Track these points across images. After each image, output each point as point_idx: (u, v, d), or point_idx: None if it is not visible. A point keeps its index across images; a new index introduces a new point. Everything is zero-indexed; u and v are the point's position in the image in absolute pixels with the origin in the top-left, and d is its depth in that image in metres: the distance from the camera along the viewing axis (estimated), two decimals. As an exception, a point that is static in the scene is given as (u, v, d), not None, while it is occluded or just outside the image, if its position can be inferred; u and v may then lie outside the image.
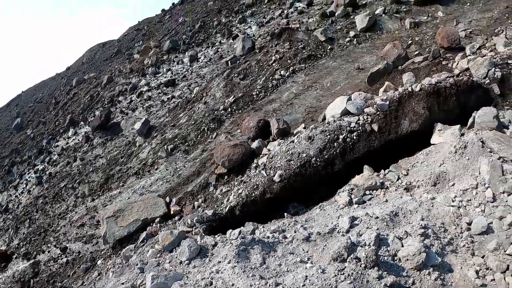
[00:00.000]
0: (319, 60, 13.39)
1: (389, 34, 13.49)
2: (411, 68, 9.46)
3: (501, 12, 12.63)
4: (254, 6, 27.59)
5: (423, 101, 6.92)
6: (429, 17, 13.96)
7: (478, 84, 7.55)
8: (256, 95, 12.76)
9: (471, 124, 6.28)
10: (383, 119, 6.79)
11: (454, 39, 10.20)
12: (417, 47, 11.39)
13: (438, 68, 8.90)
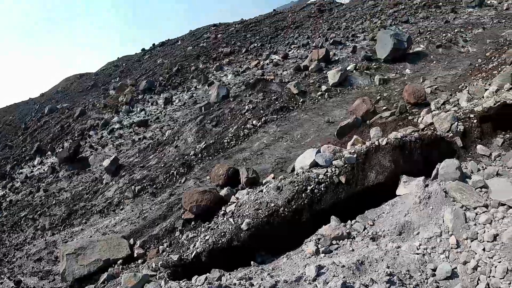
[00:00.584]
0: (291, 112, 14.20)
1: (359, 89, 14.53)
2: (379, 123, 10.17)
3: (465, 69, 13.96)
4: (231, 55, 29.05)
5: (389, 154, 7.44)
6: (398, 74, 15.21)
7: (442, 138, 8.19)
8: (227, 143, 13.29)
9: (435, 176, 6.79)
10: (351, 171, 7.24)
11: (420, 95, 11.12)
12: (385, 102, 12.28)
13: (405, 123, 9.64)
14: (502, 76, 10.52)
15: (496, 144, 8.15)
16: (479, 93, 10.41)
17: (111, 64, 45.92)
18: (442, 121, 8.54)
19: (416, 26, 25.13)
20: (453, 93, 11.41)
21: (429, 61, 16.40)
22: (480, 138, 8.28)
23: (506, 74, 10.50)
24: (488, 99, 9.47)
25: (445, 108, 9.96)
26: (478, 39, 19.27)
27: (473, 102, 9.77)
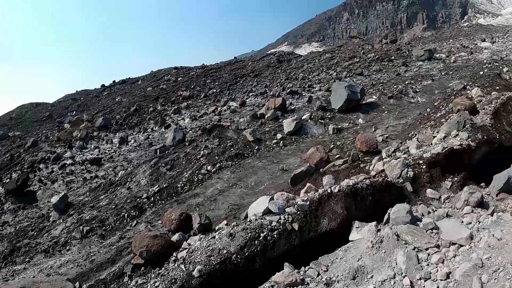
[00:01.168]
0: (246, 159, 14.59)
1: (313, 138, 15.22)
2: (332, 171, 10.66)
3: (415, 119, 15.05)
4: (190, 99, 29.59)
5: (342, 201, 7.81)
6: (351, 123, 16.11)
7: (393, 184, 8.71)
8: (181, 188, 13.37)
9: (387, 220, 7.18)
10: (304, 218, 7.49)
11: (372, 144, 11.85)
12: (339, 151, 12.93)
13: (357, 171, 10.20)
14: (449, 124, 11.53)
15: (445, 187, 8.82)
16: (428, 140, 11.27)
17: (69, 97, 45.59)
18: (392, 168, 9.12)
19: (370, 78, 26.91)
20: (403, 141, 12.25)
21: (381, 111, 17.57)
22: (429, 183, 8.94)
23: (453, 122, 11.50)
24: (437, 146, 10.30)
25: (395, 155, 10.65)
26: (427, 90, 20.95)
27: (422, 149, 10.58)
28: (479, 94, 15.79)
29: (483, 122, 11.81)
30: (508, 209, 7.13)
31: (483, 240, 5.78)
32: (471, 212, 7.22)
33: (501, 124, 12.39)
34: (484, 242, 5.71)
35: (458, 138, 10.53)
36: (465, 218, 6.98)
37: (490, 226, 6.31)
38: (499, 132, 11.69)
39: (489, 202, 7.69)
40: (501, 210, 7.13)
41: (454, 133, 10.96)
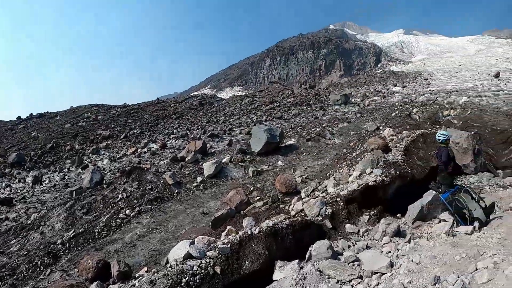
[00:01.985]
0: (165, 203, 14.38)
1: (233, 181, 15.45)
2: (253, 213, 10.90)
3: (332, 159, 15.91)
4: (110, 139, 28.70)
5: (262, 242, 7.98)
6: (270, 166, 16.62)
7: (312, 222, 9.10)
8: (98, 233, 12.79)
9: (309, 257, 7.45)
10: (226, 261, 7.53)
11: (291, 185, 12.32)
12: (259, 193, 13.24)
13: (277, 211, 10.52)
14: (364, 162, 12.43)
15: (363, 221, 9.42)
16: (344, 178, 12.02)
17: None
18: (311, 207, 9.58)
19: (289, 121, 28.18)
20: (321, 180, 12.91)
21: (299, 153, 18.39)
22: (348, 218, 9.49)
23: (367, 160, 12.41)
24: (353, 183, 11.00)
25: (314, 194, 11.20)
26: (344, 131, 22.40)
27: (339, 187, 11.24)
28: (391, 133, 17.20)
29: (396, 158, 12.85)
30: (424, 235, 7.74)
31: (403, 266, 6.18)
32: (389, 242, 7.74)
33: (412, 159, 13.56)
34: (404, 267, 6.11)
35: (373, 175, 11.34)
36: (384, 247, 7.46)
37: (409, 252, 6.77)
38: (410, 166, 12.77)
39: (406, 231, 8.35)
40: (418, 237, 7.72)
41: (369, 171, 11.81)
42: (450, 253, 5.95)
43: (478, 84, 43.73)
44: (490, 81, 45.89)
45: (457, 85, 44.63)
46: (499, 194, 10.46)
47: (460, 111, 26.25)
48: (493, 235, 6.52)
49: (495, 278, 4.63)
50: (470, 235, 6.88)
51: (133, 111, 42.80)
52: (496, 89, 37.60)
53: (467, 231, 7.00)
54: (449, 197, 8.20)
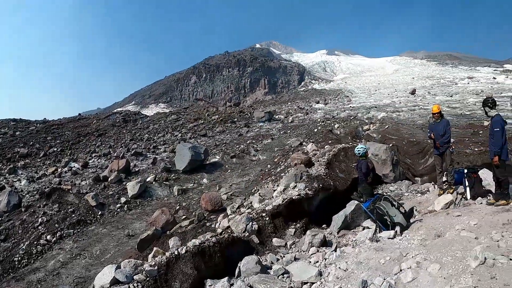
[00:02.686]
0: (89, 226, 13.68)
1: (158, 200, 15.11)
2: (179, 232, 10.71)
3: (256, 175, 16.11)
4: (28, 157, 26.79)
5: (190, 261, 7.86)
6: (195, 184, 16.48)
7: (239, 238, 9.11)
8: (18, 262, 11.90)
9: (238, 274, 7.44)
10: (154, 284, 7.30)
11: (217, 202, 12.31)
12: (185, 211, 13.07)
13: (203, 230, 10.43)
14: (288, 177, 12.71)
15: (290, 234, 9.62)
16: (269, 194, 12.22)
17: None
18: (237, 223, 9.60)
19: (214, 139, 28.18)
20: (246, 197, 13.03)
21: (224, 170, 18.43)
22: (274, 232, 9.64)
23: (290, 175, 12.72)
24: (277, 198, 11.20)
25: (240, 211, 11.27)
26: (268, 148, 22.81)
27: (264, 202, 11.40)
28: (313, 148, 17.81)
29: (318, 172, 13.31)
30: (350, 243, 8.06)
31: (332, 274, 6.34)
32: (316, 252, 7.93)
33: (335, 172, 14.11)
34: (332, 275, 6.27)
35: (297, 189, 11.64)
36: (312, 258, 7.62)
37: (336, 260, 6.97)
38: (333, 179, 13.29)
39: (332, 240, 8.63)
40: (344, 245, 8.02)
41: (293, 185, 12.12)
42: (375, 257, 6.23)
43: (396, 100, 46.66)
44: (406, 97, 49.15)
45: (376, 102, 47.30)
46: (418, 199, 11.20)
47: (379, 125, 27.74)
48: (414, 237, 6.93)
49: (419, 277, 4.94)
50: (392, 239, 7.28)
51: (53, 127, 40.47)
52: (412, 104, 40.34)
53: (389, 236, 7.39)
54: (370, 206, 8.58)
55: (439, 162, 10.51)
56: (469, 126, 23.02)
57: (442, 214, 8.20)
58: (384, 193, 12.75)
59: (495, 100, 8.66)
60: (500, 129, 8.15)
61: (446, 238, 6.19)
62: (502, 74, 76.15)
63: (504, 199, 8.05)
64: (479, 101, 34.95)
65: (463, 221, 7.01)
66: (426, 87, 62.04)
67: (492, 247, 5.25)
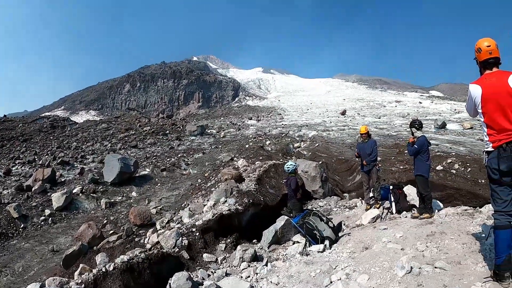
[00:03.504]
0: (10, 240, 12.76)
1: (85, 213, 14.47)
2: (107, 248, 10.37)
3: (187, 189, 16.00)
4: None
5: (119, 279, 7.64)
6: (124, 197, 16.04)
7: (169, 254, 9.01)
8: None
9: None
10: (80, 302, 7.05)
11: (146, 217, 12.08)
12: (112, 226, 12.65)
13: (132, 245, 10.16)
14: (218, 192, 12.81)
15: (220, 249, 9.68)
16: (199, 208, 12.23)
17: None
18: (167, 239, 9.50)
19: (144, 151, 27.58)
20: (176, 211, 12.90)
21: (154, 184, 18.09)
22: (205, 248, 9.67)
23: (220, 190, 12.82)
24: (207, 213, 11.24)
25: (169, 226, 11.15)
26: (199, 162, 22.72)
27: (194, 217, 11.39)
28: (244, 164, 18.03)
29: (249, 188, 13.54)
30: (280, 257, 8.22)
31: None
32: (248, 267, 7.99)
33: (265, 187, 14.40)
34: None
35: (227, 204, 11.76)
36: (244, 273, 7.67)
37: (267, 274, 7.08)
38: (263, 195, 13.55)
39: (263, 255, 8.73)
40: (275, 259, 8.17)
41: (223, 200, 12.23)
42: (306, 270, 6.43)
43: (327, 120, 48.34)
44: (337, 117, 51.09)
45: (308, 121, 48.74)
46: (346, 214, 11.64)
47: (310, 143, 28.64)
48: (343, 250, 7.21)
49: (349, 287, 5.17)
50: (322, 252, 7.56)
51: (-27, 128, 37.70)
52: (342, 124, 41.98)
53: (319, 249, 7.67)
54: (300, 221, 8.85)
55: (366, 179, 11.04)
56: (395, 145, 24.30)
57: (370, 228, 8.63)
58: (313, 208, 13.16)
59: (422, 122, 9.34)
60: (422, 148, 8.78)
61: (374, 250, 6.48)
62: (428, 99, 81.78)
63: (427, 212, 8.62)
64: (405, 123, 37.24)
65: (390, 234, 7.40)
66: (356, 108, 64.89)
67: (417, 257, 5.63)
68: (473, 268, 4.84)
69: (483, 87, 4.34)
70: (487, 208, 7.97)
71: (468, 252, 5.53)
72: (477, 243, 5.83)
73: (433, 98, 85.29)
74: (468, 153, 20.15)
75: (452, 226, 7.21)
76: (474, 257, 5.25)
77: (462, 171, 16.16)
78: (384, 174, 16.93)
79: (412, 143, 8.92)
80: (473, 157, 18.05)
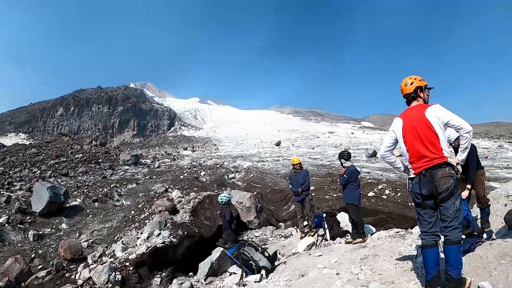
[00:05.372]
0: None
1: (12, 246, 13.46)
2: (35, 284, 9.80)
3: (120, 221, 15.51)
4: None
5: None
6: (53, 229, 15.20)
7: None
8: None
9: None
10: None
11: (77, 250, 11.57)
12: (41, 260, 11.93)
13: (63, 281, 9.68)
14: (152, 224, 12.63)
15: (155, 283, 9.54)
16: (132, 242, 11.94)
17: None
18: (99, 274, 9.20)
19: (75, 180, 26.35)
20: (109, 245, 12.46)
21: (85, 215, 17.30)
22: (139, 283, 9.47)
23: (154, 222, 12.65)
24: (141, 246, 11.03)
25: (102, 260, 10.76)
26: (132, 193, 22.14)
27: (128, 251, 11.10)
28: (179, 195, 17.89)
29: (183, 219, 13.48)
30: None
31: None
32: (184, 300, 8.02)
33: (200, 219, 14.38)
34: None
35: (161, 237, 11.62)
36: (181, 307, 7.70)
37: None
38: (198, 226, 13.53)
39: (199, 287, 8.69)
40: None
41: (157, 233, 12.07)
42: (243, 301, 6.49)
43: (262, 151, 49.09)
44: (272, 148, 52.05)
45: (243, 151, 49.23)
46: (282, 243, 11.77)
47: (244, 174, 28.92)
48: (279, 279, 7.29)
49: None
50: (259, 282, 7.63)
51: None
52: (276, 155, 42.81)
53: (255, 279, 7.76)
54: (235, 252, 8.96)
55: (300, 208, 11.24)
56: (328, 175, 25.14)
57: (305, 255, 8.78)
58: (248, 239, 13.27)
59: (350, 153, 9.86)
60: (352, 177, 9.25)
61: (310, 277, 6.60)
62: (359, 129, 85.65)
63: (360, 237, 9.02)
64: (337, 153, 38.49)
65: (325, 260, 7.60)
66: (290, 139, 66.57)
67: (352, 280, 5.84)
68: (406, 286, 5.10)
69: (404, 120, 4.78)
70: (417, 229, 8.30)
71: (401, 272, 5.82)
72: (409, 262, 6.16)
73: (365, 129, 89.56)
74: (398, 178, 21.40)
75: (384, 248, 7.62)
76: (407, 276, 5.52)
77: (393, 196, 17.11)
78: (318, 202, 17.52)
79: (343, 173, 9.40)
80: (403, 182, 19.20)
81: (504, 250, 5.20)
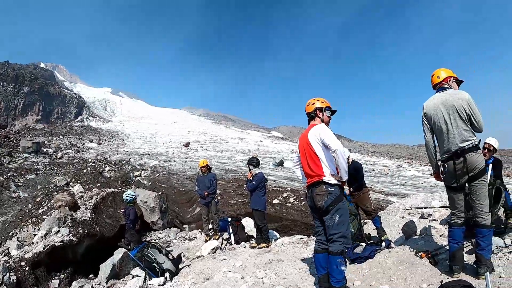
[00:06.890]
0: None
1: None
2: None
3: (15, 215, 14.35)
4: None
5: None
6: None
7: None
8: None
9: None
10: None
11: (-34, 246, 10.60)
12: None
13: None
14: (50, 221, 11.78)
15: (54, 286, 8.99)
16: (29, 239, 11.13)
17: None
18: (-11, 273, 8.56)
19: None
20: (3, 241, 11.50)
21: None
22: (36, 285, 8.84)
23: (53, 218, 11.83)
24: (38, 244, 10.35)
25: (-5, 259, 9.96)
26: (31, 184, 20.46)
27: (23, 249, 10.33)
28: (80, 190, 17.00)
29: (84, 217, 12.84)
30: None
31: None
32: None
33: (102, 217, 13.83)
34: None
35: (60, 235, 11.03)
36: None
37: None
38: (100, 225, 13.00)
39: (98, 291, 8.39)
40: None
41: (56, 230, 11.37)
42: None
43: (170, 150, 48.06)
44: (180, 149, 51.16)
45: (151, 149, 47.84)
46: (186, 245, 11.74)
47: (150, 172, 28.30)
48: (184, 282, 7.26)
49: None
50: (163, 285, 7.52)
51: None
52: (184, 156, 42.21)
53: (159, 283, 7.60)
54: (138, 253, 8.58)
55: (205, 211, 11.36)
56: (234, 180, 25.42)
57: (210, 259, 8.75)
58: (152, 240, 13.09)
59: (259, 160, 10.18)
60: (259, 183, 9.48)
61: (215, 280, 6.61)
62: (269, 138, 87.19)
63: (265, 242, 9.29)
64: (245, 159, 39.06)
65: (230, 264, 7.69)
66: (200, 141, 65.95)
67: (257, 284, 6.04)
68: (310, 290, 5.34)
69: (299, 139, 5.22)
70: (319, 237, 8.99)
71: (304, 276, 6.13)
72: (311, 267, 6.44)
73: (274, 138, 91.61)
74: (302, 188, 22.25)
75: (288, 254, 7.97)
76: (310, 280, 5.84)
77: (297, 204, 17.86)
78: (224, 207, 17.75)
79: (251, 179, 9.66)
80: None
81: (402, 257, 5.81)
